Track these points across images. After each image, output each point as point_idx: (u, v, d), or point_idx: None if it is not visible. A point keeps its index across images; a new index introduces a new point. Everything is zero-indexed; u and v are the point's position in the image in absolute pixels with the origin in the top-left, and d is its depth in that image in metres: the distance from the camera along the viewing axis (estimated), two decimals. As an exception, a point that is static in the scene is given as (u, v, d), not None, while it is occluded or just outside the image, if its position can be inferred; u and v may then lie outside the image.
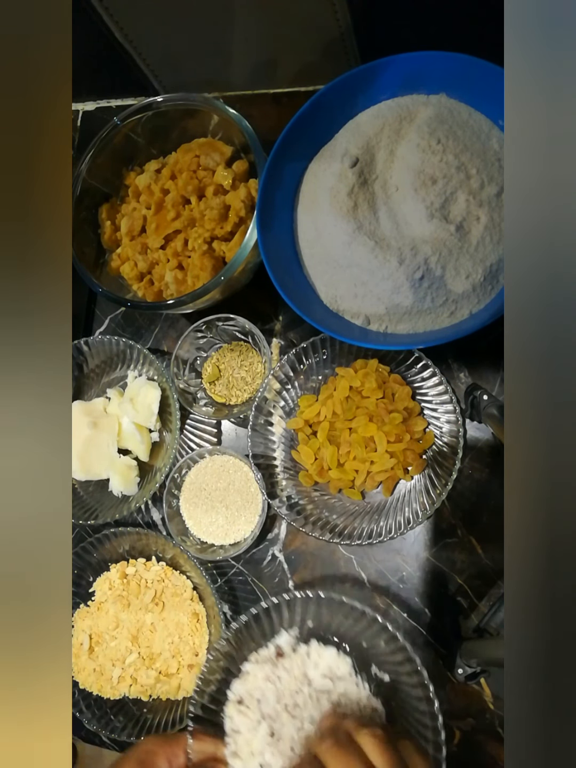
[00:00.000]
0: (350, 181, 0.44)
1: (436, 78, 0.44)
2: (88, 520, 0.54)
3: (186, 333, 0.53)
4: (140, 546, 0.55)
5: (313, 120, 0.47)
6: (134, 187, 0.56)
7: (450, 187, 0.42)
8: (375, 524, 0.48)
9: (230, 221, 0.51)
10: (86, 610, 0.55)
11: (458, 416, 0.47)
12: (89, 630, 0.54)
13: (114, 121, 0.54)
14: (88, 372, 0.60)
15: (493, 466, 0.48)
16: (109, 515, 0.54)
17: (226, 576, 0.54)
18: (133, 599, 0.53)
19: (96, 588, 0.55)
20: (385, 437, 0.47)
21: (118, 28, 0.52)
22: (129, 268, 0.54)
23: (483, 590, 0.47)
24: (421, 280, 0.43)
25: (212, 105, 0.51)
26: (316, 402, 0.51)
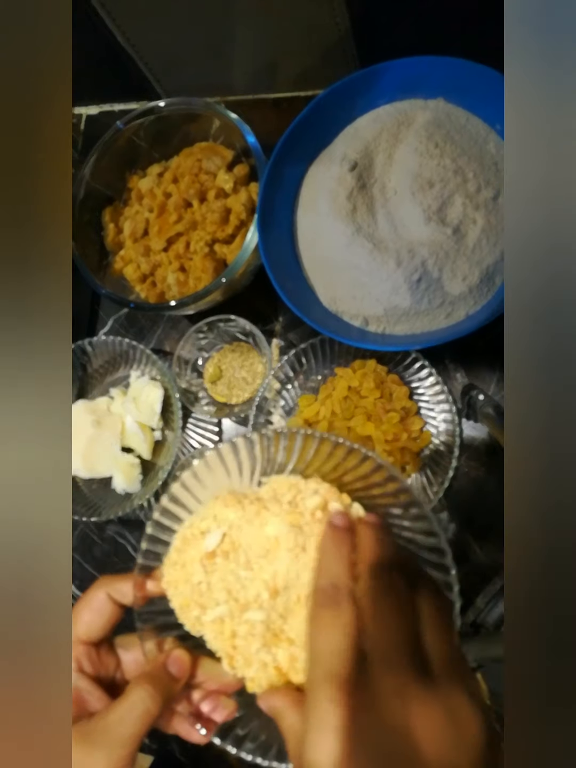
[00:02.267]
0: (349, 184, 0.45)
1: (435, 83, 0.45)
2: (92, 516, 0.55)
3: (188, 334, 0.54)
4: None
5: (313, 124, 0.47)
6: (137, 190, 0.56)
7: (447, 191, 0.43)
8: (373, 522, 0.48)
9: (231, 224, 0.51)
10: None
11: (455, 416, 0.48)
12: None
13: (117, 125, 0.54)
14: (92, 372, 0.61)
15: (489, 464, 0.49)
16: (112, 512, 0.55)
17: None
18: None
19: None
20: (382, 436, 0.48)
21: (121, 32, 0.53)
22: (132, 270, 0.55)
23: (479, 587, 0.47)
24: (419, 282, 0.43)
25: (213, 109, 0.52)
26: (315, 401, 0.52)
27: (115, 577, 0.32)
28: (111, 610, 0.31)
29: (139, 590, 0.31)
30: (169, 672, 0.29)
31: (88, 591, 0.32)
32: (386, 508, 0.31)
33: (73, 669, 0.31)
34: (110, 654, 0.32)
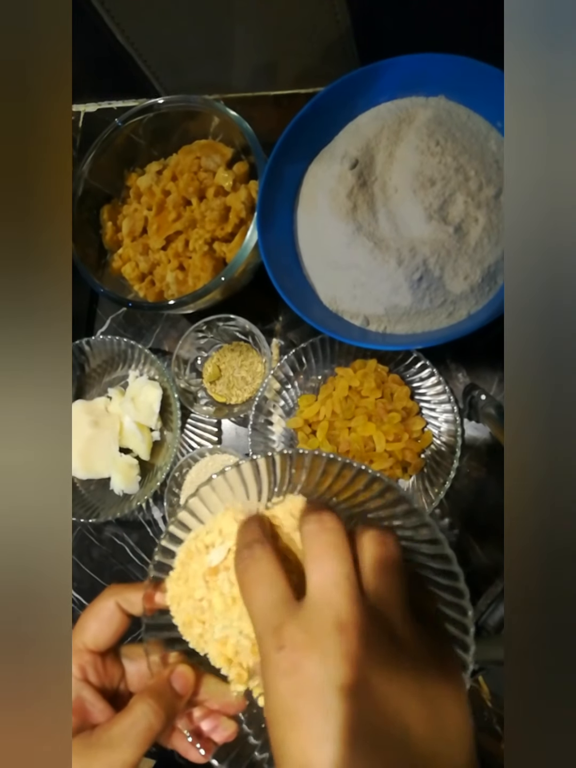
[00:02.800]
0: (350, 182, 0.45)
1: (436, 80, 0.45)
2: (90, 518, 0.55)
3: (187, 333, 0.54)
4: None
5: (313, 122, 0.47)
6: (135, 188, 0.56)
7: (448, 189, 0.42)
8: (374, 523, 0.48)
9: (231, 222, 0.51)
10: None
11: (456, 416, 0.47)
12: None
13: (115, 122, 0.54)
14: (90, 372, 0.60)
15: (491, 465, 0.49)
16: (111, 513, 0.54)
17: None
18: None
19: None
20: (383, 436, 0.47)
21: (120, 30, 0.53)
22: (130, 268, 0.55)
23: (481, 588, 0.47)
24: (420, 281, 0.43)
25: (213, 107, 0.51)
26: (315, 402, 0.51)
27: (124, 586, 0.31)
28: (119, 619, 0.31)
29: (148, 602, 0.30)
30: (172, 688, 0.29)
31: (97, 599, 0.31)
32: (392, 524, 0.30)
33: (78, 678, 0.30)
34: (115, 664, 0.32)
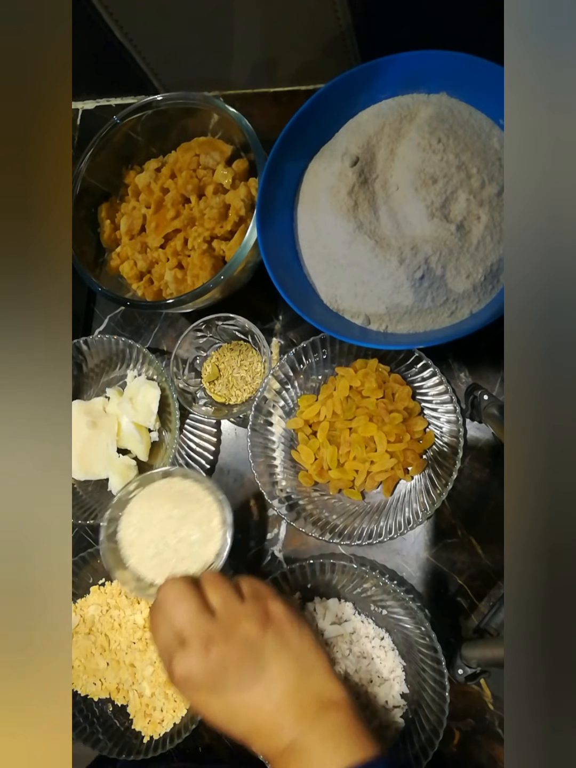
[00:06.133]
0: (350, 180, 0.44)
1: (437, 77, 0.44)
2: (87, 519, 0.54)
3: (185, 332, 0.53)
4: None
5: (314, 119, 0.46)
6: (134, 186, 0.56)
7: (450, 187, 0.42)
8: (375, 524, 0.48)
9: (230, 220, 0.51)
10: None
11: (458, 416, 0.47)
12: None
13: (114, 119, 0.54)
14: (87, 371, 0.60)
15: (494, 466, 0.48)
16: (109, 515, 0.54)
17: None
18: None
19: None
20: (385, 437, 0.47)
21: (118, 26, 0.52)
22: (128, 267, 0.54)
23: (483, 591, 0.47)
24: (422, 279, 0.42)
25: (212, 104, 0.51)
26: (315, 402, 0.51)
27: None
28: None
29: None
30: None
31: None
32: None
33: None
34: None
